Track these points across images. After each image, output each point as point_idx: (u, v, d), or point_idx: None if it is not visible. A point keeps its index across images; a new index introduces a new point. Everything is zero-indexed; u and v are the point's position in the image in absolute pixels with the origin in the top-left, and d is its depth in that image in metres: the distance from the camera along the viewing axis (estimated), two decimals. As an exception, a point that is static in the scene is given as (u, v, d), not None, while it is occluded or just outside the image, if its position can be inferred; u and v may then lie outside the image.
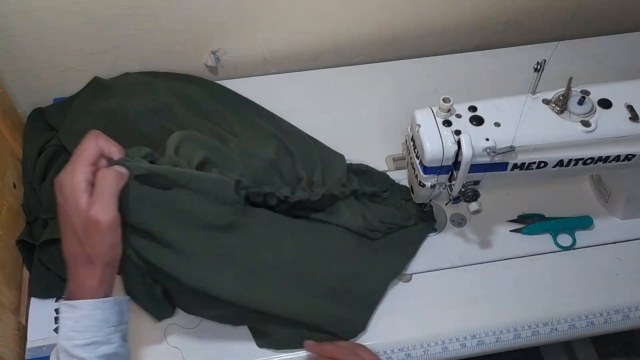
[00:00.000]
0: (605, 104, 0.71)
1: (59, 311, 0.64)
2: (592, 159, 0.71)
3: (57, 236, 0.78)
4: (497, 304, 0.77)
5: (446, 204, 0.76)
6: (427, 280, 0.79)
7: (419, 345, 0.74)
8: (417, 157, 0.71)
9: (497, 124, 0.69)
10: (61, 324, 0.62)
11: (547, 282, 0.79)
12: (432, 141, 0.68)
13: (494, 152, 0.67)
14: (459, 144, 0.67)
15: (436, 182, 0.72)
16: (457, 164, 0.69)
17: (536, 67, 0.66)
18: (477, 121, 0.69)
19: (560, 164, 0.71)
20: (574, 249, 0.82)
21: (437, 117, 0.69)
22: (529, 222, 0.84)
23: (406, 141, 0.75)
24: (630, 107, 0.70)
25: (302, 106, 0.98)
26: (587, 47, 1.05)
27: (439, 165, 0.70)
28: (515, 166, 0.71)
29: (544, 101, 0.71)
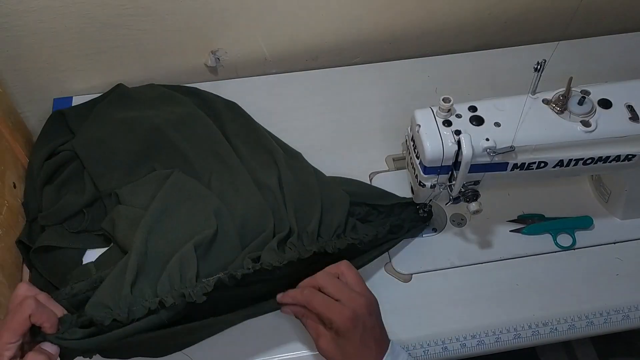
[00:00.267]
0: (605, 104, 0.71)
1: None
2: (592, 159, 0.71)
3: (52, 243, 0.78)
4: (497, 304, 0.77)
5: (446, 204, 0.76)
6: (427, 280, 0.79)
7: (419, 345, 0.74)
8: (417, 157, 0.71)
9: (497, 124, 0.69)
10: None
11: (547, 282, 0.79)
12: (432, 141, 0.68)
13: (494, 152, 0.67)
14: (459, 144, 0.67)
15: (436, 182, 0.72)
16: (457, 164, 0.69)
17: (536, 67, 0.66)
18: (477, 121, 0.69)
19: (560, 164, 0.71)
20: (574, 249, 0.82)
21: (437, 117, 0.69)
22: (529, 222, 0.84)
23: (406, 141, 0.75)
24: (630, 107, 0.70)
25: (302, 106, 0.98)
26: (587, 47, 1.05)
27: (439, 165, 0.70)
28: (515, 166, 0.71)
29: (544, 101, 0.71)
